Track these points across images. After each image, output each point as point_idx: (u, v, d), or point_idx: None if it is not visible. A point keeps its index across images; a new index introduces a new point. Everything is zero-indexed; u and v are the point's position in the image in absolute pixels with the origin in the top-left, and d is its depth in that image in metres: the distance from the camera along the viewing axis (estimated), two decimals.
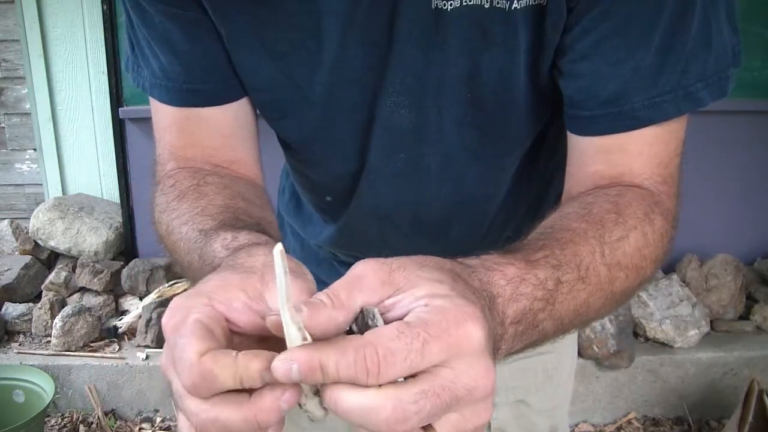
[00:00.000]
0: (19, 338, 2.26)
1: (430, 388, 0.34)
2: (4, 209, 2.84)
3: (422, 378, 0.34)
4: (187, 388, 0.37)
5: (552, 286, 0.45)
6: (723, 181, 2.62)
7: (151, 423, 2.15)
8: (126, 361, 2.13)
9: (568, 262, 0.47)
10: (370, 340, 0.34)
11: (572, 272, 0.47)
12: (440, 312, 0.35)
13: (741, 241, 2.67)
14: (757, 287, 2.50)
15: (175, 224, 0.58)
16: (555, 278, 0.46)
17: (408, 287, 0.37)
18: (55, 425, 2.12)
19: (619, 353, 2.09)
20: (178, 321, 0.39)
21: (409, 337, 0.33)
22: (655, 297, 2.28)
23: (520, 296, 0.43)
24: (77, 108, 2.64)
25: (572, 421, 2.21)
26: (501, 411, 0.81)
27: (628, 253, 0.52)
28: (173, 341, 0.38)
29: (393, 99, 0.61)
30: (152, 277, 2.36)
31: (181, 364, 0.37)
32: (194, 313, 0.38)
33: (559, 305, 0.46)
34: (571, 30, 0.55)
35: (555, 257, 0.47)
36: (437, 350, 0.34)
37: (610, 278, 0.50)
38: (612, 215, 0.53)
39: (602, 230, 0.51)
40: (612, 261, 0.51)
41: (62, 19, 2.54)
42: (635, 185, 0.58)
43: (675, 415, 2.23)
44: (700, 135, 2.54)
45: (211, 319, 0.38)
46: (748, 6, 2.39)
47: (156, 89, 0.64)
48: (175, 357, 0.38)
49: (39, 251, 2.56)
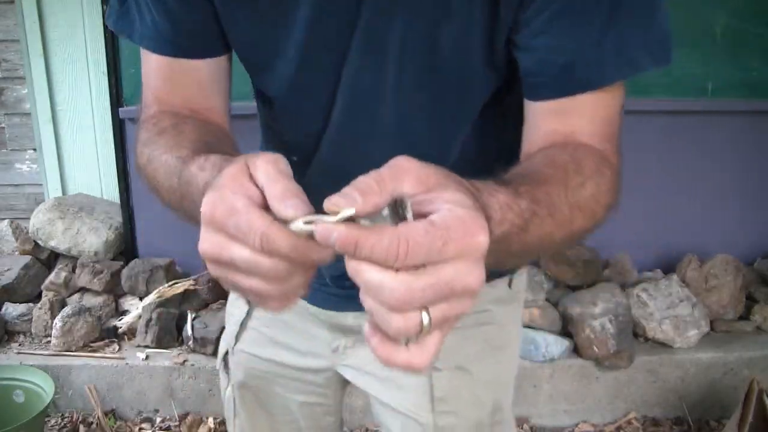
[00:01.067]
0: (19, 338, 2.26)
1: (437, 282, 0.41)
2: (4, 209, 2.84)
3: (431, 271, 0.41)
4: (257, 247, 0.44)
5: (528, 216, 0.52)
6: (723, 181, 2.62)
7: (151, 423, 2.15)
8: (126, 361, 2.13)
9: (542, 199, 0.55)
10: (403, 232, 0.40)
11: (544, 208, 0.55)
12: (461, 219, 0.42)
13: (741, 241, 2.67)
14: (757, 287, 2.50)
15: (155, 154, 0.67)
16: (531, 210, 0.53)
17: (438, 190, 0.43)
18: (55, 425, 2.12)
19: (619, 353, 2.09)
20: (227, 207, 0.45)
21: (433, 236, 0.40)
22: (655, 297, 2.28)
23: (505, 221, 0.50)
24: (77, 108, 2.64)
25: (572, 421, 2.21)
26: (443, 377, 0.86)
27: (585, 197, 0.60)
28: (234, 221, 0.44)
29: (358, 62, 0.68)
30: (152, 277, 2.36)
31: (251, 234, 0.44)
32: (239, 200, 0.45)
33: (529, 234, 0.53)
34: (526, 9, 0.63)
35: (533, 192, 0.55)
36: (452, 252, 0.41)
37: (571, 217, 0.59)
38: (571, 165, 0.61)
39: (565, 176, 0.60)
40: (573, 203, 0.59)
41: (62, 19, 2.54)
42: (584, 143, 0.65)
43: (675, 415, 2.23)
44: (700, 135, 2.55)
45: (251, 198, 0.46)
46: (748, 6, 2.39)
47: (146, 39, 0.72)
48: (242, 229, 0.44)
49: (39, 251, 2.56)
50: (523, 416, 2.19)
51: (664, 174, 2.58)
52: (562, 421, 2.20)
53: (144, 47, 0.74)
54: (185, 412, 2.16)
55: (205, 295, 2.39)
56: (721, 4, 2.38)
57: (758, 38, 2.43)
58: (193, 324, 2.18)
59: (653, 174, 2.58)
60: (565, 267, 2.34)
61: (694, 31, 2.39)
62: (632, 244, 2.61)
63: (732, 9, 2.39)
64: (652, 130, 2.53)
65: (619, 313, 2.15)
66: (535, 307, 2.22)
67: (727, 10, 2.39)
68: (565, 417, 2.20)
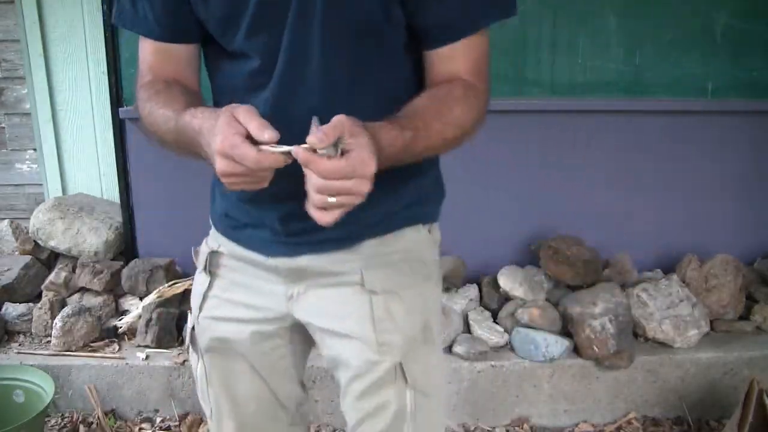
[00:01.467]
0: (19, 338, 2.27)
1: (344, 177, 0.77)
2: (4, 209, 2.84)
3: (348, 173, 0.77)
4: (250, 163, 0.77)
5: (409, 139, 0.87)
6: (723, 181, 2.62)
7: (151, 423, 2.15)
8: (126, 361, 2.13)
9: (420, 126, 0.90)
10: (332, 163, 0.76)
11: (422, 130, 0.90)
12: (362, 158, 0.77)
13: (741, 241, 2.67)
14: (757, 287, 2.50)
15: (154, 107, 0.96)
16: (412, 135, 0.88)
17: (356, 135, 0.78)
18: (55, 425, 2.12)
19: (619, 353, 2.10)
20: (230, 143, 0.78)
21: (346, 166, 0.76)
22: (655, 297, 2.28)
23: (392, 146, 0.85)
24: (77, 108, 2.64)
25: (572, 421, 2.21)
26: (380, 300, 1.06)
27: (454, 116, 0.94)
28: (236, 151, 0.78)
29: (293, 28, 0.93)
30: (152, 277, 2.36)
31: (246, 158, 0.77)
32: (236, 137, 0.78)
33: (412, 147, 0.89)
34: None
35: (414, 122, 0.89)
36: (357, 170, 0.77)
37: (443, 130, 0.93)
38: (445, 95, 0.95)
39: (439, 104, 0.94)
40: (445, 121, 0.93)
41: (62, 19, 2.54)
42: (460, 78, 0.98)
43: (675, 415, 2.23)
44: (700, 135, 2.56)
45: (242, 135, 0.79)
46: (748, 6, 2.39)
47: (142, 27, 1.02)
48: (240, 156, 0.77)
49: (39, 251, 2.56)
50: (523, 416, 2.19)
51: (664, 174, 2.59)
52: (562, 421, 2.21)
53: (140, 34, 1.03)
54: (185, 412, 2.16)
55: None
56: (721, 4, 2.38)
57: (758, 38, 2.43)
58: None
59: (653, 174, 2.58)
60: (565, 267, 2.34)
61: (694, 31, 2.40)
62: (632, 244, 2.61)
63: (732, 9, 2.39)
64: (652, 130, 2.53)
65: (619, 313, 2.15)
66: (535, 307, 2.22)
67: (727, 10, 2.39)
68: (565, 417, 2.20)
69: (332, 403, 2.14)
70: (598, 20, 2.37)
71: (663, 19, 2.38)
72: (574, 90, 2.43)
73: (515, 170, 2.53)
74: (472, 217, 2.54)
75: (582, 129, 2.50)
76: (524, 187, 2.55)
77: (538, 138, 2.50)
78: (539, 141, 2.50)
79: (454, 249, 2.45)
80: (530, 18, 2.36)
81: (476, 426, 2.18)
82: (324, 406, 2.14)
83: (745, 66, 2.46)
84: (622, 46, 2.40)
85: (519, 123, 2.48)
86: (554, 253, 2.36)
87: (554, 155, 2.52)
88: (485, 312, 2.36)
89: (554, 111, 2.46)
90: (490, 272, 2.55)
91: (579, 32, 2.38)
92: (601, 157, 2.54)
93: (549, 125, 2.49)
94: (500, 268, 2.49)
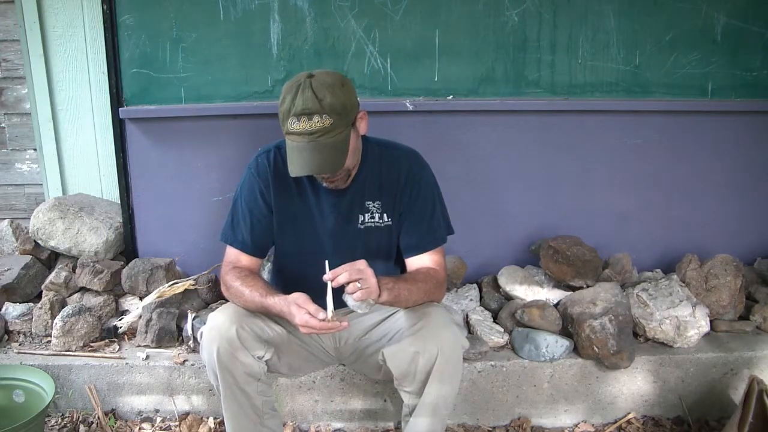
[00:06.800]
0: (19, 338, 2.26)
1: (364, 277, 1.59)
2: (4, 209, 2.84)
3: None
4: (317, 329, 1.57)
5: (398, 293, 1.65)
6: (723, 181, 2.62)
7: (151, 423, 2.16)
8: (126, 361, 2.13)
9: (406, 288, 1.69)
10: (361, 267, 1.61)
11: (406, 291, 1.69)
12: (371, 280, 1.58)
13: (741, 241, 2.67)
14: (757, 287, 2.51)
15: (240, 286, 1.74)
16: (402, 292, 1.67)
17: (370, 278, 1.58)
18: (55, 425, 2.12)
19: (619, 353, 2.10)
20: (303, 320, 1.57)
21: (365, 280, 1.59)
22: (655, 297, 2.28)
23: (390, 293, 1.63)
24: (77, 108, 2.65)
25: (572, 421, 2.21)
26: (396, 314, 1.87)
27: (424, 288, 1.74)
28: (307, 323, 1.56)
29: (332, 242, 1.85)
30: (152, 277, 2.36)
31: (315, 327, 1.56)
32: (305, 316, 1.58)
33: (402, 298, 1.68)
34: (403, 222, 1.84)
35: (406, 282, 1.71)
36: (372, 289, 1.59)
37: (418, 293, 1.72)
38: (419, 276, 1.77)
39: (416, 280, 1.75)
40: (417, 289, 1.73)
41: (62, 19, 2.54)
42: (427, 267, 1.80)
43: (675, 415, 2.23)
44: (700, 135, 2.56)
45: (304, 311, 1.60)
46: (748, 6, 2.40)
47: (239, 244, 1.83)
48: (311, 326, 1.56)
49: (39, 251, 2.57)
50: (523, 416, 2.20)
51: (664, 174, 2.59)
52: (562, 421, 2.21)
53: (237, 249, 1.83)
54: (185, 412, 2.16)
55: (205, 295, 2.39)
56: (721, 4, 2.38)
57: (758, 38, 2.43)
58: (193, 324, 2.18)
59: (653, 174, 2.58)
60: (565, 267, 2.34)
61: (694, 31, 2.40)
62: (632, 244, 2.61)
63: (732, 9, 2.39)
64: (652, 130, 2.53)
65: (619, 313, 2.15)
66: (535, 307, 2.22)
67: (727, 10, 2.39)
68: (565, 417, 2.20)
69: (332, 402, 2.14)
70: (598, 20, 2.38)
71: (663, 19, 2.38)
72: (574, 90, 2.43)
73: (515, 170, 2.53)
74: (472, 218, 2.54)
75: (582, 129, 2.51)
76: (524, 187, 2.55)
77: (538, 138, 2.50)
78: (539, 141, 2.51)
79: (454, 249, 2.45)
80: (530, 18, 2.36)
81: (476, 426, 2.18)
82: (324, 406, 2.15)
83: (745, 66, 2.46)
84: (622, 46, 2.40)
85: (519, 123, 2.48)
86: (554, 253, 2.36)
87: (554, 155, 2.52)
88: (485, 312, 2.36)
89: (554, 111, 2.46)
90: (490, 272, 2.55)
91: (579, 32, 2.38)
92: (601, 157, 2.55)
93: (549, 125, 2.49)
94: (500, 268, 2.50)
